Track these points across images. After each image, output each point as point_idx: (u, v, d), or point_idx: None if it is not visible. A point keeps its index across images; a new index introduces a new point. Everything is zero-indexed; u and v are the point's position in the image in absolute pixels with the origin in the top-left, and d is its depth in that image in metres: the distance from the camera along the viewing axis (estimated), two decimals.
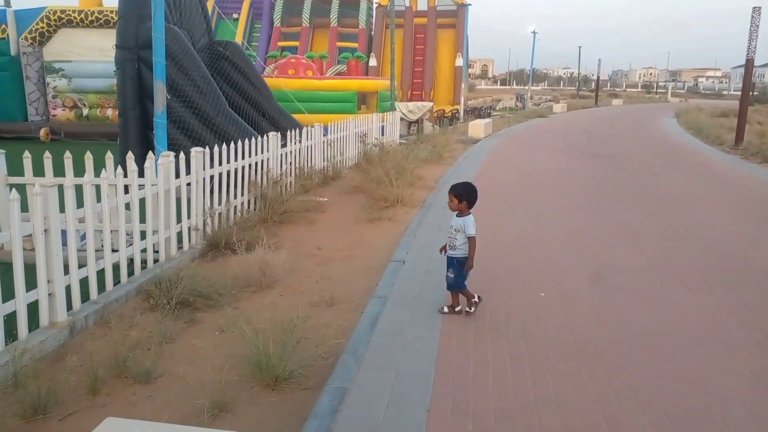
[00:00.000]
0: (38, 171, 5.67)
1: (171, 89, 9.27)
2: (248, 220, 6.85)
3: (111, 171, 5.04)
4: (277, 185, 7.86)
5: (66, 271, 4.17)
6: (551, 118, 31.73)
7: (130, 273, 5.03)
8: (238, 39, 34.95)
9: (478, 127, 18.36)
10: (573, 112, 36.82)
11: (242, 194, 7.11)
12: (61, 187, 4.15)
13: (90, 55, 17.29)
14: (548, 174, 11.35)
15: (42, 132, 17.33)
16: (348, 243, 6.22)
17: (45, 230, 3.93)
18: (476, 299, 4.35)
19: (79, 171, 5.20)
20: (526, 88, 51.09)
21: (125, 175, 5.05)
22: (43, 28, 17.34)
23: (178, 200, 5.75)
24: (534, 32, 40.16)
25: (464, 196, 4.38)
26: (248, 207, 7.29)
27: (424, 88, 30.90)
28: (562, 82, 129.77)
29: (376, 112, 18.42)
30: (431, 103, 22.27)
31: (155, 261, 5.40)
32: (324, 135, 10.43)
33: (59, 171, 5.55)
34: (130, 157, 5.49)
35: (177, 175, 5.70)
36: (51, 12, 17.27)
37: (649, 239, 6.59)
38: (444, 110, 27.99)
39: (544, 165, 12.72)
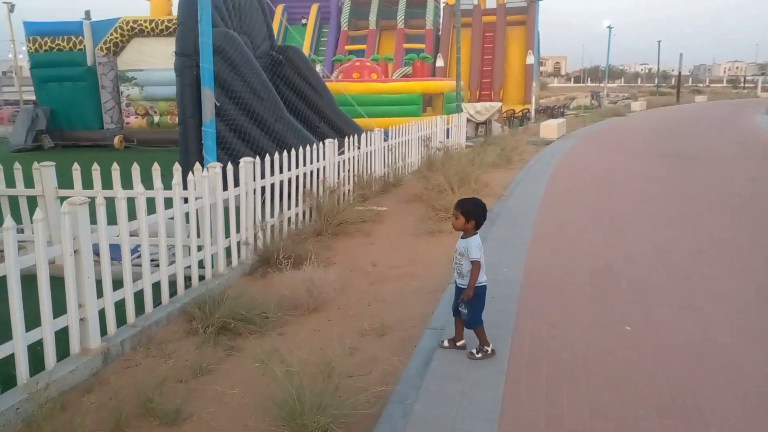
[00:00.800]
0: (105, 182, 5.46)
1: (229, 96, 9.11)
2: (302, 232, 6.49)
3: (158, 183, 4.77)
4: (334, 194, 7.48)
5: (115, 286, 3.91)
6: (630, 116, 30.07)
7: (173, 292, 4.75)
8: (306, 44, 35.28)
9: (550, 128, 17.44)
10: (653, 110, 34.80)
11: (296, 205, 6.77)
12: (92, 204, 3.89)
13: (160, 63, 17.63)
14: (629, 179, 10.44)
15: (116, 140, 17.84)
16: (405, 259, 5.73)
17: (75, 251, 3.66)
18: (489, 349, 3.67)
19: (145, 180, 4.94)
20: (602, 85, 48.92)
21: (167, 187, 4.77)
22: (116, 38, 17.86)
23: (232, 211, 5.45)
24: (610, 27, 38.31)
25: (472, 214, 3.77)
26: (303, 218, 6.94)
27: (493, 87, 29.99)
28: (639, 79, 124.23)
29: (442, 114, 17.90)
30: (500, 103, 21.46)
31: (201, 278, 5.11)
32: (384, 140, 9.99)
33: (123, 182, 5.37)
34: (177, 169, 5.22)
35: (225, 187, 5.40)
36: (124, 22, 17.76)
37: (752, 259, 5.73)
38: (514, 110, 27.02)
39: (624, 168, 11.77)
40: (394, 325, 4.20)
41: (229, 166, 5.50)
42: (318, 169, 7.30)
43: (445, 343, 3.76)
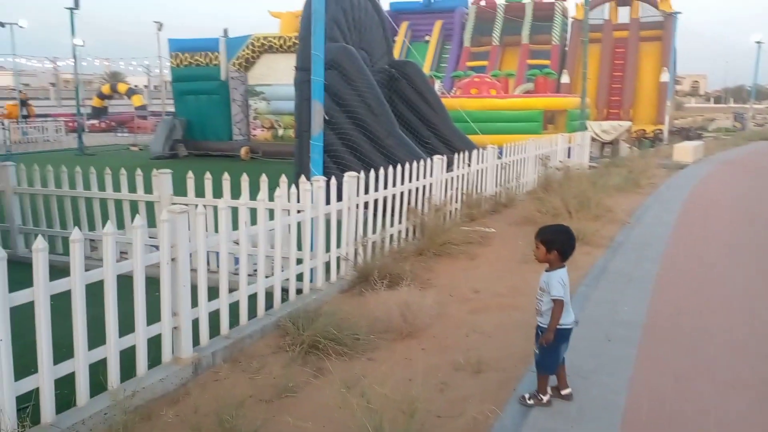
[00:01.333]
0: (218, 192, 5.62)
1: (342, 109, 9.16)
2: (403, 250, 6.28)
3: (262, 194, 4.78)
4: (440, 213, 7.21)
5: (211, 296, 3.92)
6: None
7: (270, 305, 4.70)
8: (428, 61, 35.45)
9: (685, 150, 15.99)
10: None
11: (399, 222, 6.57)
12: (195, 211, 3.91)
13: (286, 79, 18.32)
14: None
15: (242, 151, 18.79)
16: (509, 287, 5.31)
17: (172, 259, 3.68)
18: (544, 399, 3.17)
19: (255, 193, 4.99)
20: (747, 106, 44.59)
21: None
22: (248, 54, 18.88)
23: (333, 226, 5.36)
24: (759, 42, 34.82)
25: (554, 242, 3.21)
26: (405, 236, 6.73)
27: (623, 106, 28.26)
28: None
29: (564, 132, 17.04)
30: (629, 123, 20.11)
31: (299, 292, 5.03)
32: (498, 157, 9.57)
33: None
34: (283, 181, 5.21)
35: (328, 201, 5.32)
36: (255, 39, 18.74)
37: None
38: (644, 130, 25.27)
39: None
40: (492, 361, 3.83)
41: (326, 182, 5.43)
42: (424, 186, 7.07)
43: (528, 399, 3.22)
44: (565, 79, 29.05)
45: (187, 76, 19.63)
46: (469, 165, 8.38)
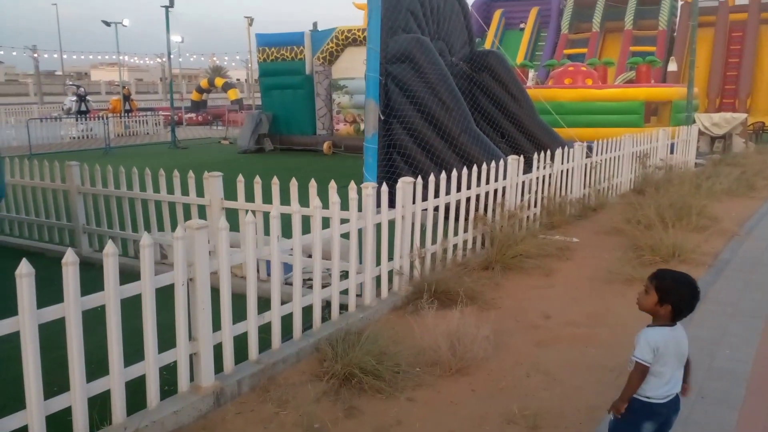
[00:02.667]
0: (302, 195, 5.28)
1: (414, 104, 8.61)
2: (468, 263, 5.66)
3: (295, 206, 4.36)
4: (513, 220, 6.51)
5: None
6: None
7: (308, 326, 4.29)
8: (522, 49, 34.02)
9: None
10: None
11: (465, 230, 5.95)
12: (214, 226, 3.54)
13: None
14: None
15: (325, 145, 18.70)
16: (587, 314, 4.56)
17: (190, 279, 3.33)
18: None
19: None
20: None
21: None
22: (332, 48, 18.72)
23: (384, 236, 4.86)
24: None
25: (673, 296, 2.40)
26: (472, 246, 6.10)
27: (738, 95, 25.65)
28: None
29: (668, 126, 15.49)
30: (744, 115, 18.04)
31: (343, 310, 4.58)
32: (587, 155, 8.65)
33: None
34: (333, 187, 4.78)
35: (393, 204, 4.83)
36: (339, 32, 18.53)
37: None
38: (763, 123, 22.72)
39: None
40: (553, 415, 3.17)
41: (390, 186, 4.92)
42: (495, 190, 6.39)
43: None
44: (672, 67, 26.71)
45: (273, 71, 19.80)
46: (551, 165, 7.58)
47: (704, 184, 8.99)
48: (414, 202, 5.10)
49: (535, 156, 7.24)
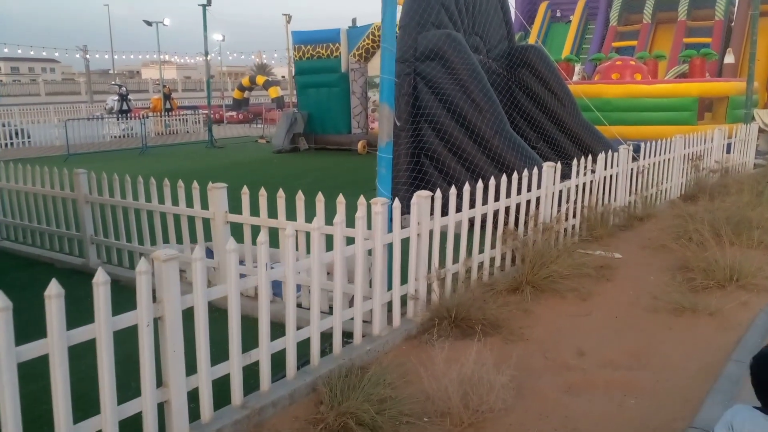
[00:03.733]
0: (306, 209, 4.86)
1: (444, 105, 8.06)
2: (496, 283, 5.10)
3: (290, 229, 3.90)
4: (548, 233, 5.90)
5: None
6: None
7: (306, 362, 3.82)
8: (568, 42, 32.79)
9: None
10: None
11: (492, 247, 5.38)
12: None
13: None
14: None
15: (360, 144, 18.27)
16: (628, 352, 3.94)
17: (158, 318, 2.91)
18: None
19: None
20: None
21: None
22: (368, 44, 18.25)
23: (396, 258, 4.35)
24: None
25: (757, 376, 1.95)
26: (501, 264, 5.52)
27: None
28: None
29: (724, 123, 14.41)
30: None
31: (346, 342, 4.10)
32: (634, 158, 7.93)
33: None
34: (341, 202, 4.31)
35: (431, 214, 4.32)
36: (376, 29, 18.04)
37: None
38: None
39: None
40: None
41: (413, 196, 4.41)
42: (528, 201, 5.79)
43: None
44: (729, 59, 25.19)
45: (309, 69, 19.46)
46: (593, 171, 6.91)
47: (766, 191, 8.11)
48: (432, 217, 4.57)
49: (575, 162, 6.58)
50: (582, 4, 33.90)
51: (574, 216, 6.66)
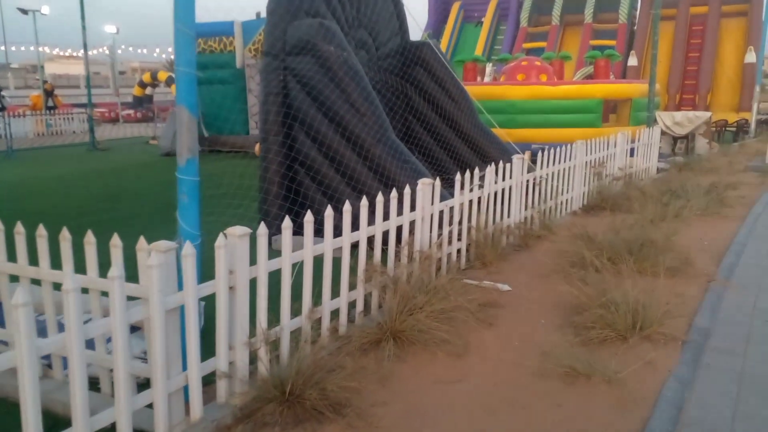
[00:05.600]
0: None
1: (319, 108, 6.93)
2: (353, 337, 4.01)
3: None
4: (427, 263, 4.90)
5: None
6: None
7: None
8: (480, 43, 32.71)
9: None
10: None
11: (352, 288, 4.29)
12: None
13: None
14: None
15: (257, 147, 16.78)
16: None
17: None
18: None
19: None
20: None
21: None
22: None
23: (222, 319, 3.15)
24: None
25: None
26: (364, 308, 4.44)
27: (698, 91, 24.70)
28: None
29: (628, 126, 14.15)
30: (709, 114, 16.86)
31: None
32: (530, 168, 7.12)
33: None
34: (115, 245, 3.07)
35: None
36: None
37: None
38: (726, 120, 21.74)
39: None
40: None
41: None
42: (400, 227, 4.75)
43: None
44: (632, 61, 25.70)
45: (200, 64, 17.42)
46: (481, 186, 5.98)
47: (672, 204, 7.52)
48: (261, 262, 3.40)
49: (458, 177, 5.61)
50: (493, 5, 33.94)
51: (459, 238, 5.70)
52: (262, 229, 3.49)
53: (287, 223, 3.69)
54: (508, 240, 6.53)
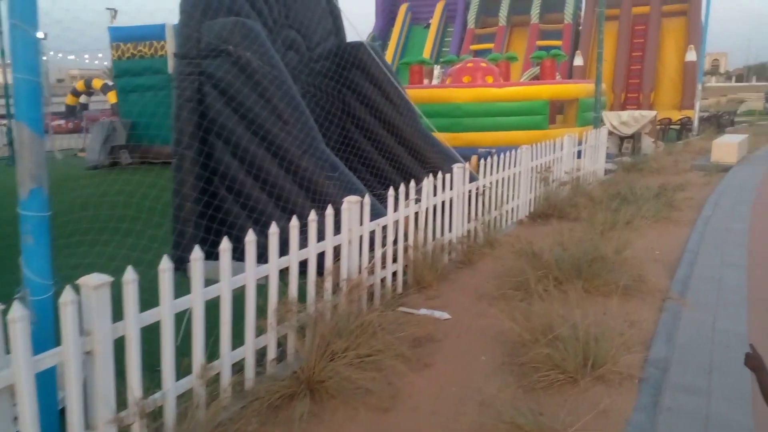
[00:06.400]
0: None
1: (243, 119, 6.25)
2: (259, 392, 3.36)
3: None
4: (356, 293, 4.30)
5: None
6: None
7: None
8: (428, 45, 32.45)
9: (727, 148, 12.76)
10: None
11: (262, 332, 3.64)
12: None
13: None
14: None
15: None
16: None
17: None
18: None
19: None
20: None
21: None
22: None
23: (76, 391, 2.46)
24: None
25: None
26: (278, 355, 3.79)
27: (642, 90, 25.01)
28: None
29: (575, 127, 13.92)
30: (654, 113, 16.88)
31: None
32: (472, 179, 6.61)
33: None
34: None
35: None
36: None
37: None
38: (670, 119, 21.96)
39: None
40: None
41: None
42: (323, 253, 4.14)
43: None
44: (578, 61, 25.81)
45: (130, 70, 16.79)
46: (417, 200, 5.42)
47: (622, 209, 7.14)
48: (131, 316, 2.71)
49: (390, 191, 5.03)
50: (441, 7, 33.74)
51: (395, 260, 5.12)
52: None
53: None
54: (450, 257, 6.00)
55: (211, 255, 3.73)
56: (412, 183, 5.34)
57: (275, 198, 6.16)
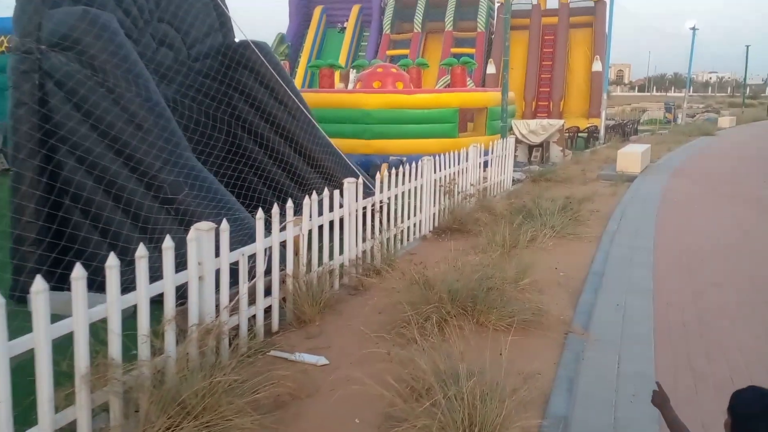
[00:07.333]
0: None
1: (93, 125, 5.29)
2: None
3: None
4: (210, 338, 3.52)
5: None
6: (721, 135, 24.87)
7: None
8: (344, 49, 31.81)
9: (632, 158, 12.86)
10: (746, 127, 29.28)
11: (58, 410, 2.79)
12: None
13: None
14: None
15: None
16: None
17: None
18: None
19: None
20: (682, 95, 43.15)
21: None
22: None
23: None
24: (693, 29, 32.90)
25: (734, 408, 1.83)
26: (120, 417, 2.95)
27: (552, 98, 25.49)
28: (710, 89, 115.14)
29: (484, 135, 13.68)
30: (562, 121, 17.00)
31: None
32: (371, 192, 5.97)
33: None
34: None
35: None
36: None
37: None
38: (578, 127, 22.43)
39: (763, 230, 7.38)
40: None
41: None
42: (182, 287, 3.33)
43: None
44: (490, 69, 26.00)
45: (5, 65, 15.01)
46: (298, 223, 4.69)
47: (526, 225, 6.73)
48: None
49: (259, 214, 4.27)
50: (356, 11, 33.17)
51: (267, 294, 4.36)
52: None
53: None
54: (342, 282, 5.32)
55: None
56: (290, 202, 4.61)
57: (133, 220, 5.24)
